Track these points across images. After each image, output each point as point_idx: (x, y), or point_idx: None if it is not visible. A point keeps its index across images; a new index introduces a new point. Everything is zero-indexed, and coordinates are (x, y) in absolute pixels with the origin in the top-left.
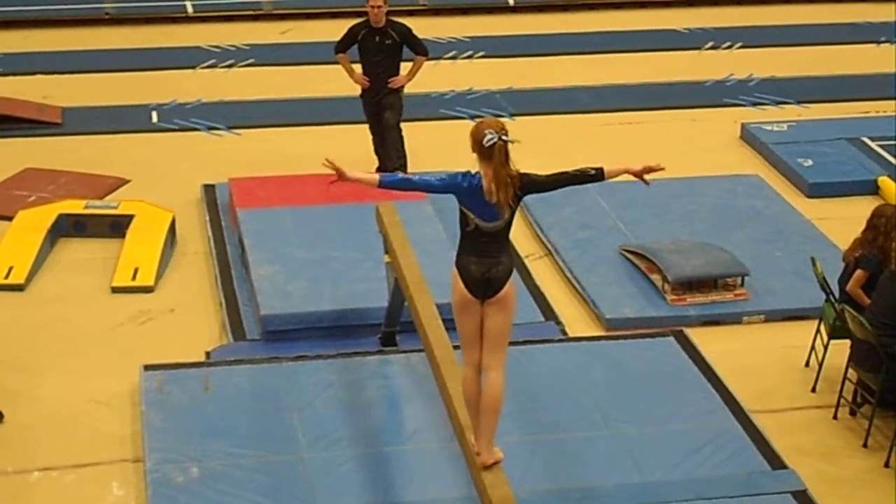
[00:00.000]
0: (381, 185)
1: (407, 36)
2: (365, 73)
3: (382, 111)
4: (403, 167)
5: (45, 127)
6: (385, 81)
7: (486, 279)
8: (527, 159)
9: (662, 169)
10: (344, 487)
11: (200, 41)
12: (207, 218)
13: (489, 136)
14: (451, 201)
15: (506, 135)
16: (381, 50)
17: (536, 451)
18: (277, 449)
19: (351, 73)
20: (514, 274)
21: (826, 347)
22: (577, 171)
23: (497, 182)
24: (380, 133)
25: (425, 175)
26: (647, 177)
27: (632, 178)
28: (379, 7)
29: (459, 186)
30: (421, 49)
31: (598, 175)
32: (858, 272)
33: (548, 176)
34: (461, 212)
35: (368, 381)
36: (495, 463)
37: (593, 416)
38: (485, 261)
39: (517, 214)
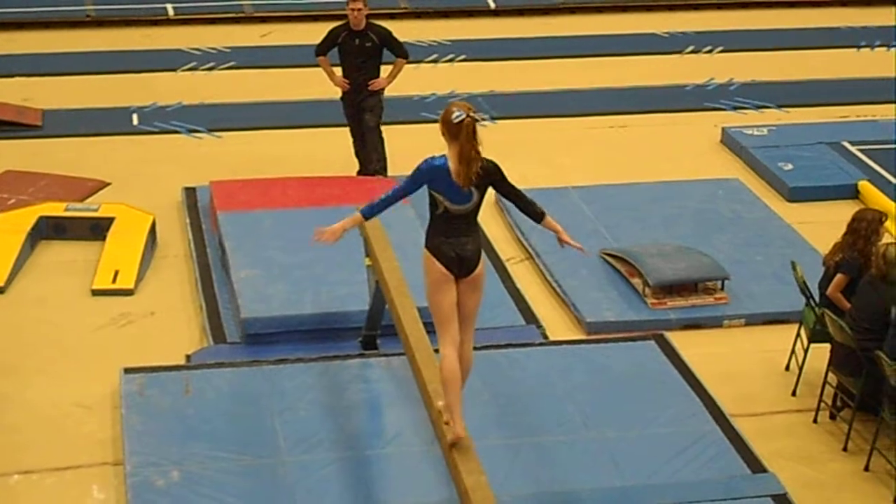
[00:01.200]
0: (366, 218)
1: (387, 39)
2: (345, 75)
3: (363, 113)
4: (383, 169)
5: (25, 129)
6: (365, 84)
7: (458, 259)
8: (509, 162)
9: (582, 251)
10: (324, 491)
11: (181, 44)
12: (188, 221)
13: (458, 114)
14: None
15: (474, 114)
16: (361, 53)
17: (518, 454)
18: (258, 452)
19: (331, 75)
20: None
21: (806, 351)
22: (531, 202)
23: (462, 158)
24: (360, 135)
25: (396, 187)
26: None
27: (612, 183)
28: (359, 10)
29: (426, 174)
30: (401, 52)
31: (539, 216)
32: (839, 276)
33: (511, 185)
34: (430, 195)
35: (349, 384)
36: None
37: (574, 420)
38: (455, 241)
39: (499, 219)
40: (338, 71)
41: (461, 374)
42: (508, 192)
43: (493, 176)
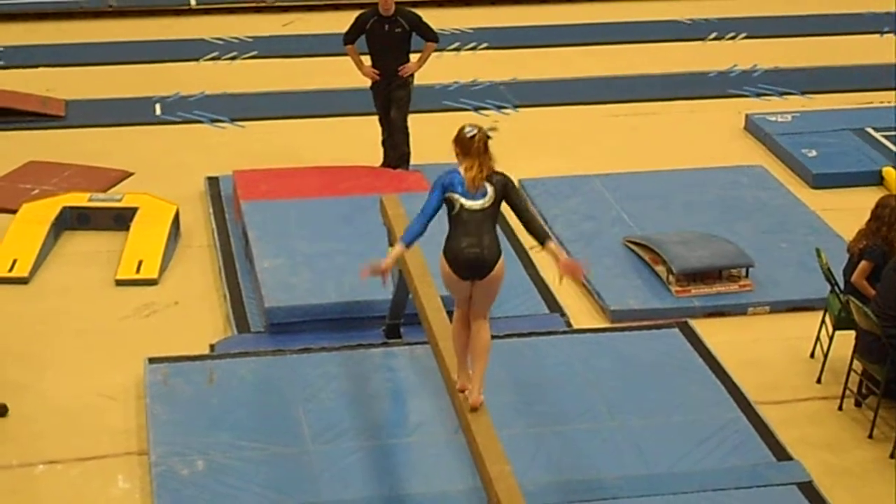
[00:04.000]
0: (408, 245)
1: (417, 23)
2: (374, 62)
3: (391, 105)
4: (406, 163)
5: (49, 120)
6: (395, 70)
7: (474, 263)
8: (532, 150)
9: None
10: (349, 479)
11: (203, 33)
12: (211, 210)
13: (470, 129)
14: None
15: (484, 131)
16: (390, 39)
17: (542, 443)
18: (282, 441)
19: (360, 65)
20: (504, 259)
21: (831, 338)
22: (536, 222)
23: (478, 170)
24: (388, 126)
25: (425, 206)
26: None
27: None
28: None
29: (445, 186)
30: (431, 36)
31: (543, 238)
32: (863, 263)
33: (522, 200)
34: (446, 200)
35: (373, 373)
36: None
37: (598, 408)
38: (472, 243)
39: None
40: (366, 59)
41: (481, 348)
42: (518, 205)
43: (506, 186)
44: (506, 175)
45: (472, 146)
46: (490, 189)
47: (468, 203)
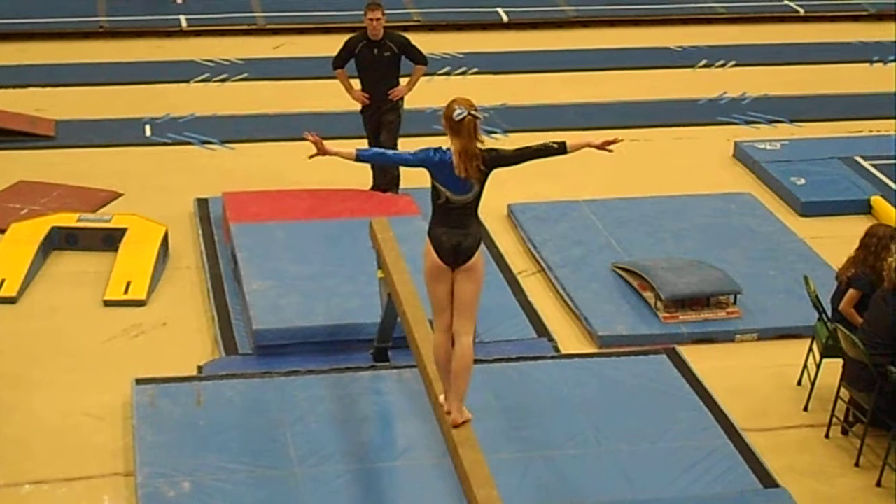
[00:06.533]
0: (358, 158)
1: (405, 47)
2: (364, 86)
3: (381, 129)
4: (395, 186)
5: (38, 140)
6: (385, 94)
7: (455, 249)
8: (520, 175)
9: (621, 140)
10: (335, 503)
11: (194, 55)
12: (200, 232)
13: (459, 111)
14: None
15: (475, 111)
16: (379, 63)
17: (529, 468)
18: (269, 464)
19: (350, 89)
20: (482, 246)
21: (818, 366)
22: (541, 145)
23: (465, 155)
24: None
25: (399, 152)
26: (610, 147)
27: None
28: (378, 19)
29: (431, 160)
30: (420, 59)
31: (560, 149)
32: (851, 291)
33: (513, 150)
34: (433, 185)
35: (361, 396)
36: (465, 422)
37: (586, 434)
38: (455, 231)
39: (511, 232)
40: (356, 83)
41: (462, 366)
42: (518, 157)
43: (495, 162)
44: (491, 151)
45: (461, 129)
46: (476, 185)
47: (454, 197)
